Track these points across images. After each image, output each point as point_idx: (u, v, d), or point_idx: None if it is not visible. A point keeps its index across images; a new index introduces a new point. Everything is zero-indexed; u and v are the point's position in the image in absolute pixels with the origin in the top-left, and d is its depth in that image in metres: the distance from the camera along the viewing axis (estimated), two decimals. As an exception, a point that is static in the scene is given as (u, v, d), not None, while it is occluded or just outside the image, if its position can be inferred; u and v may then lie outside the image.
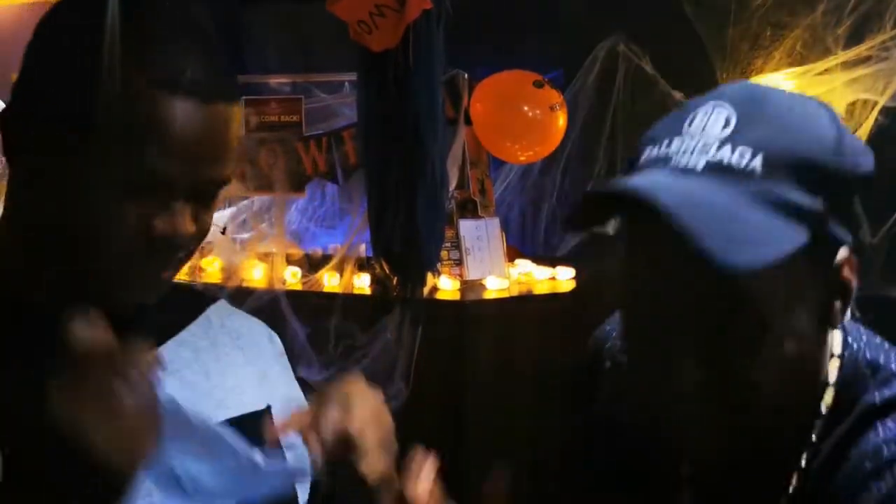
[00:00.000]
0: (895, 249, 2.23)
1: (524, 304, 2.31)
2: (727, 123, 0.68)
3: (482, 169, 2.61)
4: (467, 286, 2.37)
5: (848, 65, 2.16)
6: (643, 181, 0.67)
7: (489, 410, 2.22)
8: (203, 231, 0.83)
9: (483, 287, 2.37)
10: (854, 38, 2.15)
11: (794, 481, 0.75)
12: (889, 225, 2.19)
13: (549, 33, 3.04)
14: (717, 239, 0.61)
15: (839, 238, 0.69)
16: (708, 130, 0.68)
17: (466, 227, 2.45)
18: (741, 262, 0.61)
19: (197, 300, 0.99)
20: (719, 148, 0.67)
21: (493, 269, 2.42)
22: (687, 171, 0.67)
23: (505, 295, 2.33)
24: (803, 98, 0.73)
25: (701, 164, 0.67)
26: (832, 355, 0.75)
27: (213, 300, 1.01)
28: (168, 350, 0.89)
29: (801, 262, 0.66)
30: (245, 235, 2.82)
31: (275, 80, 3.10)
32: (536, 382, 2.27)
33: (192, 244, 0.82)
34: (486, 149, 2.58)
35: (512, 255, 2.63)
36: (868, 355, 0.75)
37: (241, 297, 2.20)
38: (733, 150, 0.66)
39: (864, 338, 0.77)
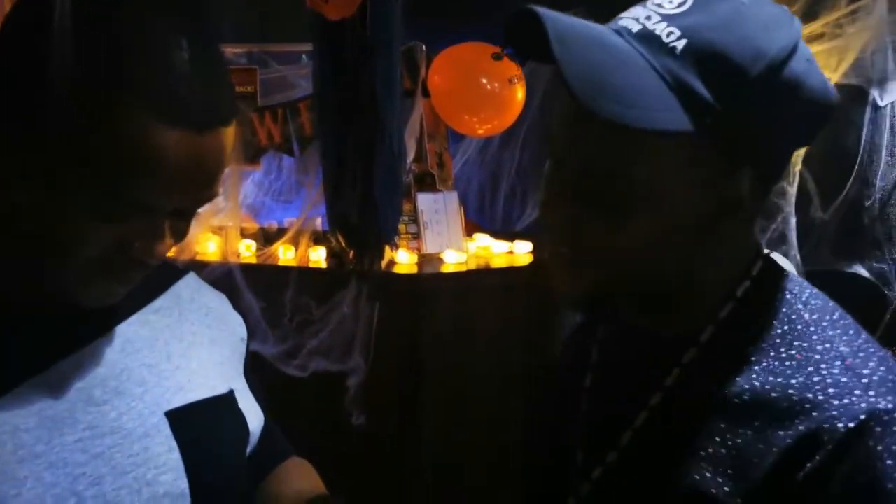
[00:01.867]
0: (845, 225, 2.27)
1: (482, 277, 2.31)
2: (681, 5, 0.69)
3: (440, 142, 2.59)
4: (425, 260, 2.36)
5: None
6: (558, 19, 0.68)
7: (447, 383, 2.22)
8: (180, 239, 0.80)
9: (441, 261, 2.36)
10: (808, 16, 2.17)
11: (672, 377, 0.76)
12: (839, 201, 2.23)
13: (510, 6, 3.01)
14: (588, 83, 0.64)
15: (739, 150, 0.69)
16: (664, 5, 0.70)
17: (424, 200, 2.43)
18: (601, 111, 0.63)
19: (165, 273, 0.95)
20: (658, 22, 0.69)
21: (451, 242, 2.41)
22: (619, 31, 0.70)
23: (463, 269, 2.33)
24: (770, 6, 0.72)
25: (635, 29, 0.69)
26: (747, 276, 0.77)
27: (183, 273, 0.99)
28: (128, 329, 0.86)
29: (685, 155, 0.68)
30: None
31: (230, 50, 3.03)
32: (494, 356, 2.28)
33: (167, 253, 0.79)
34: (444, 122, 2.56)
35: (470, 230, 2.62)
36: (808, 312, 0.75)
37: (195, 271, 2.16)
38: (667, 27, 0.68)
39: (807, 292, 0.78)
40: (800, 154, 2.19)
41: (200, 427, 0.87)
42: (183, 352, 0.90)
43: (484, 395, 2.26)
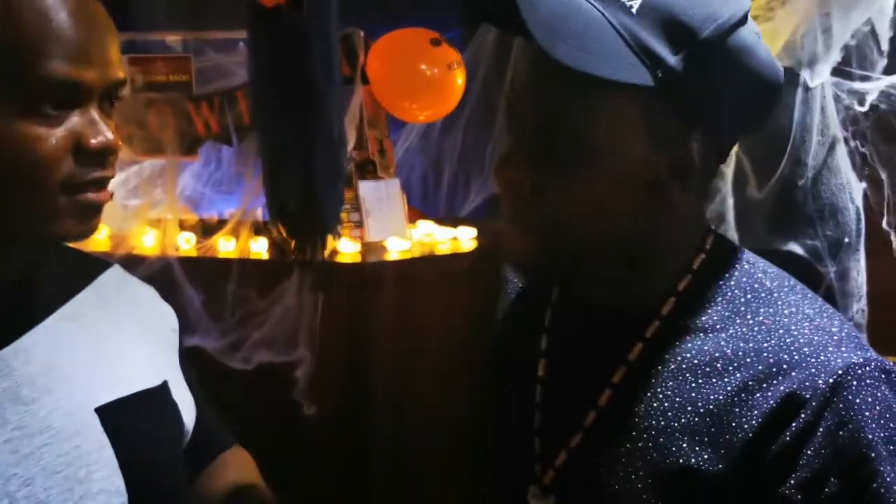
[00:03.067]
0: (780, 204, 2.33)
1: (426, 264, 2.31)
2: None
3: (381, 129, 2.58)
4: (368, 248, 2.35)
5: (735, 25, 2.22)
6: None
7: (393, 371, 2.22)
8: (117, 142, 0.81)
9: (384, 249, 2.35)
10: None
11: (634, 351, 0.77)
12: (774, 180, 2.29)
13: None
14: (547, 28, 0.67)
15: (690, 111, 0.72)
16: None
17: (366, 188, 2.42)
18: (560, 55, 0.66)
19: (88, 265, 0.93)
20: None
21: (394, 230, 2.40)
22: None
23: (407, 256, 2.32)
24: None
25: None
26: (701, 250, 0.79)
27: (107, 265, 0.96)
28: (54, 325, 0.84)
29: (640, 111, 0.71)
30: (135, 202, 2.71)
31: (163, 38, 2.96)
32: (441, 342, 2.28)
33: (115, 159, 0.80)
34: (384, 108, 2.54)
35: (413, 217, 2.62)
36: (767, 283, 0.78)
37: (132, 265, 2.11)
38: None
39: (762, 263, 0.80)
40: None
41: (133, 422, 0.85)
42: (112, 345, 0.88)
43: (432, 383, 2.27)
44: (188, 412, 0.95)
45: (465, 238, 2.52)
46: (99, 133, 0.77)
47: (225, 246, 2.36)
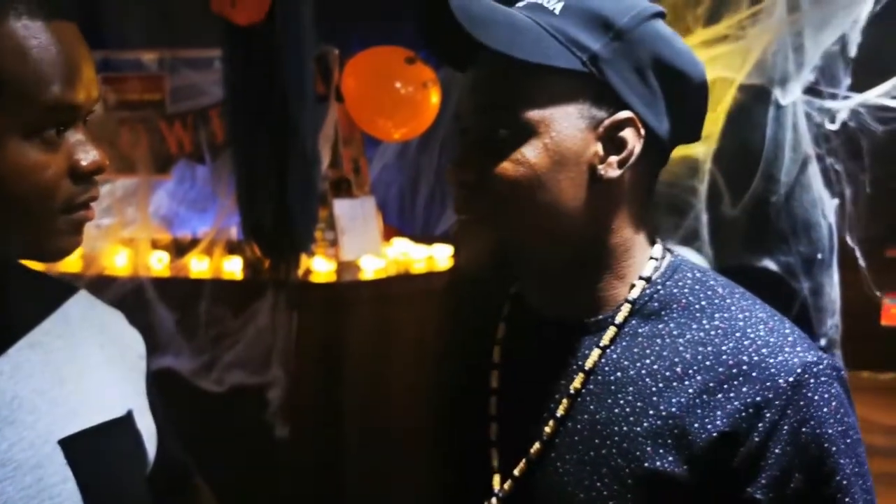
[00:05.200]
0: (754, 220, 2.34)
1: (402, 283, 2.30)
2: None
3: (356, 147, 2.57)
4: (343, 267, 2.33)
5: (707, 43, 2.24)
6: None
7: (368, 392, 2.20)
8: (99, 156, 0.83)
9: (359, 268, 2.34)
10: (713, 18, 2.23)
11: (591, 359, 0.79)
12: (748, 197, 2.30)
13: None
14: (479, 22, 0.73)
15: (619, 93, 0.76)
16: None
17: (341, 206, 2.41)
18: (492, 41, 0.73)
19: (53, 291, 0.91)
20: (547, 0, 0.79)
21: (368, 248, 2.39)
22: (511, 3, 0.79)
23: (382, 275, 2.31)
24: None
25: (522, 4, 0.80)
26: (652, 258, 0.81)
27: (73, 291, 0.94)
28: (18, 354, 0.82)
29: (573, 96, 0.76)
30: (107, 221, 2.68)
31: (138, 56, 2.94)
32: (416, 363, 2.26)
33: (101, 177, 0.82)
34: (359, 127, 2.54)
35: (389, 235, 2.61)
36: (712, 282, 0.80)
37: (104, 286, 2.09)
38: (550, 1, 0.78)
39: (711, 272, 0.82)
40: (709, 152, 2.25)
41: (97, 453, 0.83)
42: (76, 375, 0.86)
43: (407, 403, 2.25)
44: (151, 441, 0.92)
45: (440, 256, 2.52)
46: (88, 153, 0.79)
47: (198, 265, 2.34)
